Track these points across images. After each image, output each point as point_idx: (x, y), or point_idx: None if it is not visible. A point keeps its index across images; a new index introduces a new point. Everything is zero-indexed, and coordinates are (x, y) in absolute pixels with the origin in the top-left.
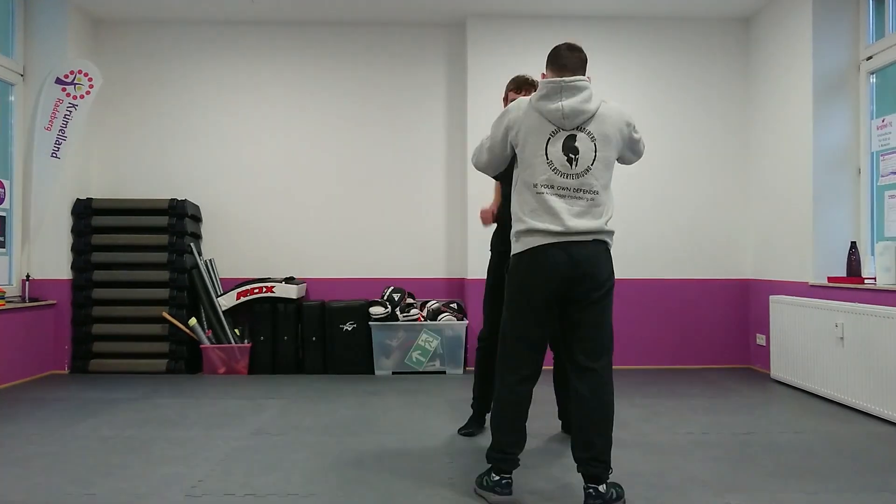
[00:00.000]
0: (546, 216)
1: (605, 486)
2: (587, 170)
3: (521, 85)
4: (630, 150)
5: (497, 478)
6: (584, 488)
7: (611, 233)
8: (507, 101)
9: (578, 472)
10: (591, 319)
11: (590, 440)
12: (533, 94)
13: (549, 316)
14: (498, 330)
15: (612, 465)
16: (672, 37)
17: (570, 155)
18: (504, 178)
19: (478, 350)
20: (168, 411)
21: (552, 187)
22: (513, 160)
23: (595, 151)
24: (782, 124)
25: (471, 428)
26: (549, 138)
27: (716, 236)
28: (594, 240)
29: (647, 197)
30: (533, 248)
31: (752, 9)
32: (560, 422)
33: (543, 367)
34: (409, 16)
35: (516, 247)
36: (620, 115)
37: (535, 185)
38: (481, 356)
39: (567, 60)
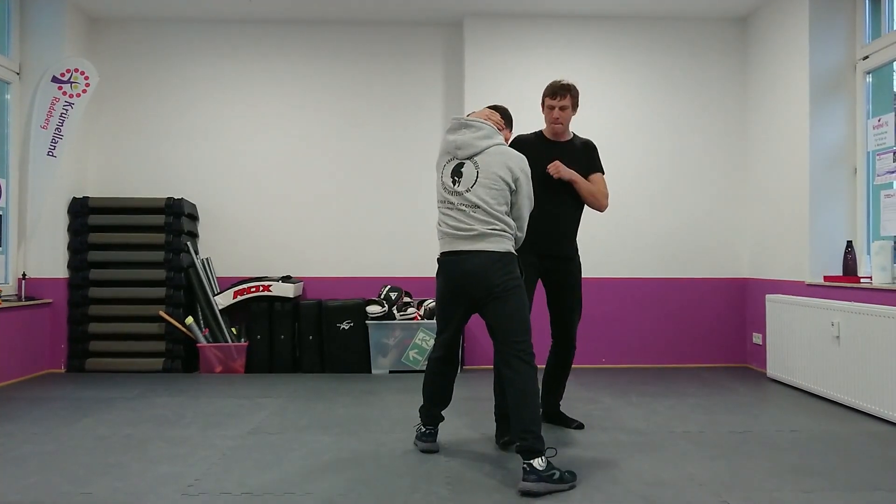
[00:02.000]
0: (442, 224)
1: (542, 461)
2: (468, 189)
3: (555, 91)
4: (512, 199)
5: (424, 429)
6: (523, 467)
7: (498, 237)
8: (543, 108)
9: (516, 452)
10: (499, 317)
11: (520, 414)
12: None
13: (459, 317)
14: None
15: (547, 444)
16: (669, 36)
17: (455, 177)
18: None
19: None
20: (165, 410)
21: (443, 202)
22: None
23: (476, 176)
24: (779, 124)
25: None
26: (446, 163)
27: (713, 235)
28: (478, 251)
29: (644, 196)
30: (441, 252)
31: (749, 8)
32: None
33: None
34: (407, 15)
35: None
36: (507, 157)
37: (438, 201)
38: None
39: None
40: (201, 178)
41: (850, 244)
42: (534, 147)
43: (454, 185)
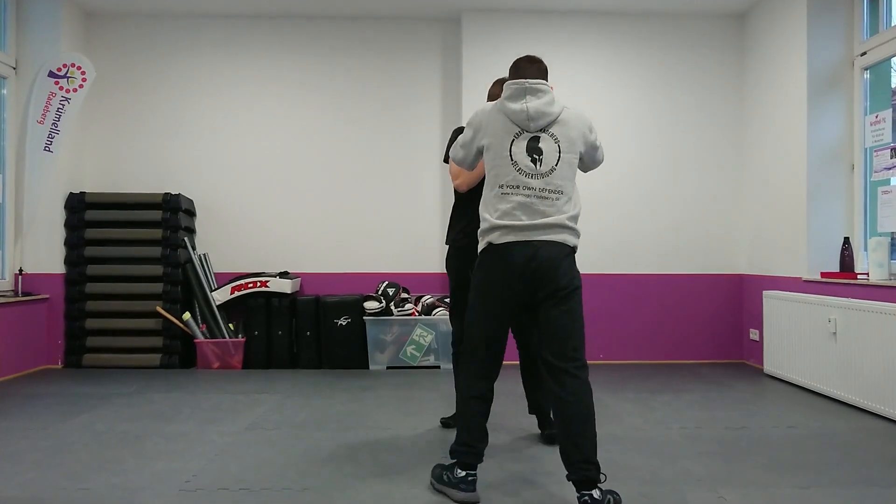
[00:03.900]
0: (510, 216)
1: (599, 491)
2: (552, 170)
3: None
4: (590, 157)
5: (462, 473)
6: (578, 498)
7: (574, 231)
8: (492, 99)
9: (569, 479)
10: (557, 320)
11: (576, 442)
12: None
13: (511, 313)
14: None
15: (602, 470)
16: (667, 32)
17: (534, 156)
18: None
19: (454, 356)
20: (162, 406)
21: (517, 187)
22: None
23: (559, 153)
24: (777, 120)
25: (450, 420)
26: (514, 139)
27: (710, 232)
28: (554, 241)
29: (642, 192)
30: (496, 244)
31: (747, 4)
32: (534, 416)
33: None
34: (405, 10)
35: (481, 245)
36: (583, 120)
37: (502, 186)
38: (458, 361)
39: (526, 71)
40: (198, 173)
41: (847, 240)
42: None
43: (536, 165)
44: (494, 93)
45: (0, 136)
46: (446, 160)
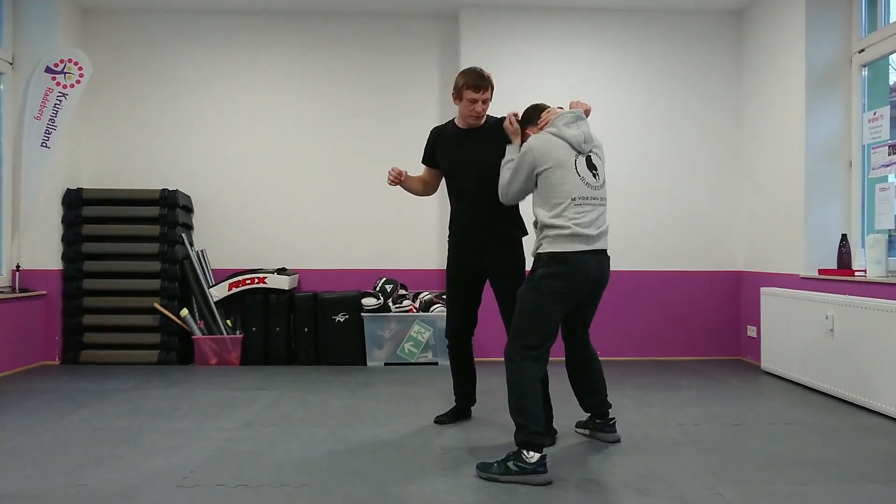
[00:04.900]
0: (586, 225)
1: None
2: (603, 182)
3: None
4: None
5: (538, 457)
6: (609, 422)
7: None
8: (457, 98)
9: (596, 415)
10: (591, 311)
11: (605, 390)
12: (548, 127)
13: (563, 313)
14: (462, 325)
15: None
16: (665, 29)
17: (593, 171)
18: (449, 176)
19: (449, 349)
20: (159, 402)
21: (587, 198)
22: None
23: (603, 167)
24: (775, 117)
25: (445, 417)
26: (576, 159)
27: (708, 228)
28: (606, 251)
29: (640, 189)
30: (574, 252)
31: (746, 1)
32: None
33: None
34: (403, 6)
35: (552, 246)
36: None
37: (574, 199)
38: (455, 355)
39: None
40: (196, 169)
41: (844, 237)
42: (451, 136)
43: (596, 178)
44: (459, 83)
45: None
46: (424, 162)
